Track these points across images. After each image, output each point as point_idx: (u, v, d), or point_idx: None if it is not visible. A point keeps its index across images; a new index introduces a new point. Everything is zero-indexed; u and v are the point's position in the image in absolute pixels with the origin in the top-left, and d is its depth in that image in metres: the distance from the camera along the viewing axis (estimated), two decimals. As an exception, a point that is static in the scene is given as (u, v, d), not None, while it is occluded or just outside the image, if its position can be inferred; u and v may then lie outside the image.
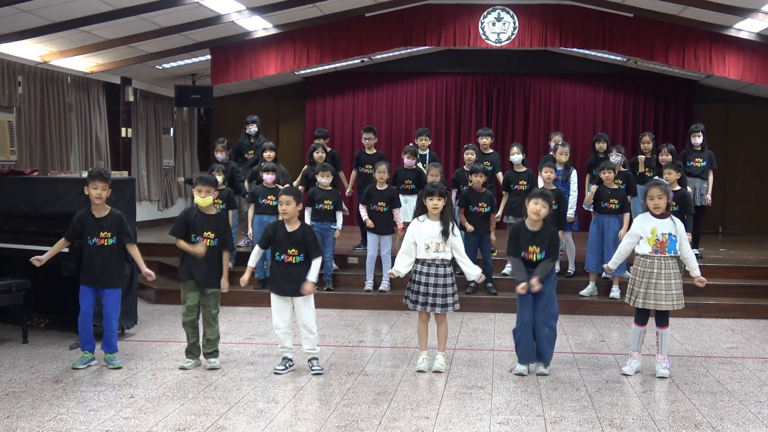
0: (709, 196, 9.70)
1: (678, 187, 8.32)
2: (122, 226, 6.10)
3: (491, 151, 9.75)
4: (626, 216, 8.38)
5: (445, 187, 6.10)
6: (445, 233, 5.88)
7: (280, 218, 6.03)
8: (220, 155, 9.52)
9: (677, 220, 6.01)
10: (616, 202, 8.46)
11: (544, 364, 6.01)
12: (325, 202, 8.44)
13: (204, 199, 6.02)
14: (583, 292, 8.70)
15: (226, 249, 6.12)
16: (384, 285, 8.75)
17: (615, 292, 8.53)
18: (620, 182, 8.62)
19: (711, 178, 9.78)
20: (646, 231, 5.94)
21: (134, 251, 6.18)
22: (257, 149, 9.85)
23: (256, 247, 6.14)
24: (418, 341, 6.18)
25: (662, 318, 6.02)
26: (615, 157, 8.93)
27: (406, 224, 8.81)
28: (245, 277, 5.98)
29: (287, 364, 6.00)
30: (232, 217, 8.57)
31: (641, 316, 6.05)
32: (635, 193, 8.78)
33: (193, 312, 6.07)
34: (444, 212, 5.94)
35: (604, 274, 8.42)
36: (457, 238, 5.96)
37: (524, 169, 8.96)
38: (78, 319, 6.05)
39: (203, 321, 6.11)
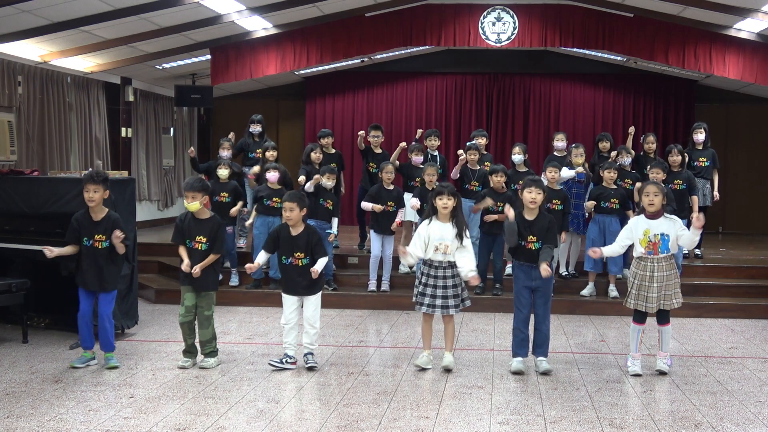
0: (716, 193, 9.73)
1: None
2: (115, 229, 6.02)
3: (485, 152, 9.73)
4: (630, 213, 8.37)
5: (455, 188, 6.07)
6: (459, 236, 5.86)
7: (284, 221, 6.06)
8: (225, 153, 9.45)
9: (672, 217, 6.01)
10: (617, 202, 8.47)
11: (543, 356, 6.02)
12: (328, 201, 8.45)
13: (191, 205, 5.96)
14: (583, 292, 8.71)
15: (212, 252, 6.05)
16: (385, 285, 8.74)
17: (613, 292, 8.57)
18: (630, 182, 8.68)
19: (716, 177, 9.81)
20: (638, 233, 5.95)
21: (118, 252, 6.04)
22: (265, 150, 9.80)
23: (262, 252, 6.14)
24: (422, 340, 6.19)
25: (662, 316, 6.05)
26: (626, 159, 8.97)
27: (404, 222, 8.85)
28: (252, 266, 6.09)
29: (284, 360, 6.02)
30: (238, 208, 8.60)
31: (639, 315, 6.08)
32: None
33: (191, 313, 6.07)
34: (455, 213, 5.91)
35: (590, 265, 8.55)
36: (469, 240, 5.94)
37: (525, 169, 8.94)
38: (77, 318, 6.05)
39: (197, 322, 6.11)
